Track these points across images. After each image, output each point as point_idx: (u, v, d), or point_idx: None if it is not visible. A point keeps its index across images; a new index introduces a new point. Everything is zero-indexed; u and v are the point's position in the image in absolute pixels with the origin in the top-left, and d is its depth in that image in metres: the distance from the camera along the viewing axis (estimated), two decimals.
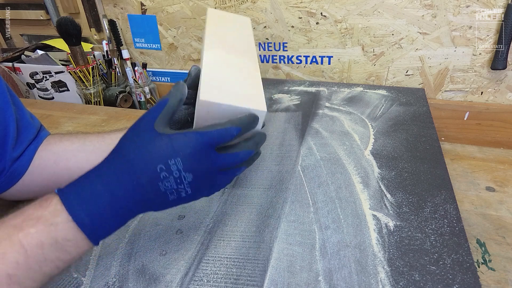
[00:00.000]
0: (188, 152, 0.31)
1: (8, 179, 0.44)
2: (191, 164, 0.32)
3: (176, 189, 0.32)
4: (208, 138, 0.32)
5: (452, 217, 0.42)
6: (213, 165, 0.33)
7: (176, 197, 0.33)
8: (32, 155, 0.46)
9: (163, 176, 0.31)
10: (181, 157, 0.31)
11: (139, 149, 0.31)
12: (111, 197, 0.30)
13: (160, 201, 0.32)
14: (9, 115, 0.44)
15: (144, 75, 0.94)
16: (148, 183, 0.31)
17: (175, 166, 0.31)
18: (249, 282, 0.36)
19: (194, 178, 0.32)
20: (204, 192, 0.35)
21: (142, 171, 0.31)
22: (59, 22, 0.81)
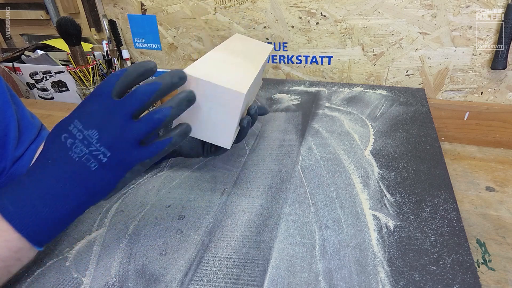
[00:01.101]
0: (82, 110, 0.30)
1: (9, 179, 0.44)
2: (89, 120, 0.30)
3: (89, 153, 0.30)
4: (97, 89, 0.31)
5: (452, 217, 0.42)
6: (115, 113, 0.30)
7: (98, 164, 0.30)
8: (33, 155, 0.46)
9: (69, 143, 0.30)
10: (77, 118, 0.30)
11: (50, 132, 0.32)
12: (31, 181, 0.30)
13: (85, 175, 0.30)
14: (10, 115, 0.44)
15: None
16: (58, 155, 0.30)
17: (75, 128, 0.30)
18: (249, 282, 0.36)
19: (100, 133, 0.29)
20: (131, 152, 0.31)
21: (50, 146, 0.30)
22: (59, 22, 0.81)
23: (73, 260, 0.39)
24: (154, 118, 0.31)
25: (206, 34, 0.90)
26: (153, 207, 0.47)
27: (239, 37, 0.59)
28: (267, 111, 0.52)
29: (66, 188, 0.30)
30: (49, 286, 0.36)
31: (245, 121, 0.43)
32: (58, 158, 0.30)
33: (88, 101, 0.31)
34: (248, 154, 0.57)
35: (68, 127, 0.30)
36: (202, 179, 0.52)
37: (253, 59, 0.49)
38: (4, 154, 0.43)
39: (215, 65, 0.41)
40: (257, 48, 0.56)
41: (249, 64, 0.46)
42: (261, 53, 0.54)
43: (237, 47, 0.52)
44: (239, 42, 0.56)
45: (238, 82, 0.38)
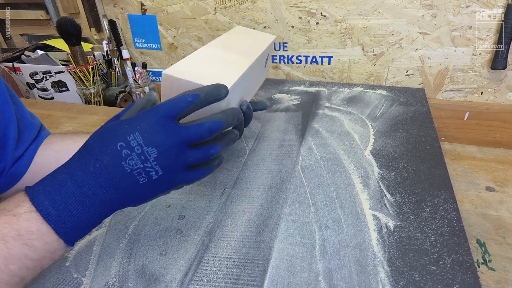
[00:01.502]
0: (145, 125, 0.30)
1: (9, 179, 0.44)
2: (151, 138, 0.30)
3: (143, 169, 0.30)
4: (163, 108, 0.31)
5: (452, 217, 0.42)
6: (177, 138, 0.31)
7: (147, 180, 0.31)
8: (32, 155, 0.46)
9: (125, 153, 0.30)
10: (139, 131, 0.30)
11: (100, 134, 0.31)
12: (74, 183, 0.29)
13: (131, 186, 0.30)
14: (9, 115, 0.44)
15: (144, 75, 0.94)
16: (111, 163, 0.30)
17: (135, 141, 0.30)
18: (249, 282, 0.36)
19: (159, 153, 0.30)
20: (178, 174, 0.32)
21: (102, 151, 0.30)
22: (59, 22, 0.81)
23: (73, 260, 0.39)
24: (209, 153, 0.34)
25: (206, 34, 0.90)
26: (153, 207, 0.47)
27: (240, 30, 0.57)
28: (266, 105, 0.51)
29: (109, 195, 0.30)
30: (49, 286, 0.36)
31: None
32: (108, 165, 0.30)
33: (151, 118, 0.31)
34: (248, 154, 0.57)
35: (127, 137, 0.30)
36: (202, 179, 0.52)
37: (248, 52, 0.48)
38: (4, 154, 0.43)
39: (201, 62, 0.40)
40: (257, 39, 0.54)
41: (242, 58, 0.45)
42: (260, 44, 0.52)
43: (234, 41, 0.50)
44: (239, 35, 0.54)
45: (222, 78, 0.37)
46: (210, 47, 0.46)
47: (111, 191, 0.30)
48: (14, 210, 0.28)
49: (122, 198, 0.31)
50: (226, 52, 0.45)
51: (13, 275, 0.28)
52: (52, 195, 0.29)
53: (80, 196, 0.29)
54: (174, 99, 0.32)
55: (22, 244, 0.27)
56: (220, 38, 0.51)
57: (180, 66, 0.37)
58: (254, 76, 0.49)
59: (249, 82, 0.47)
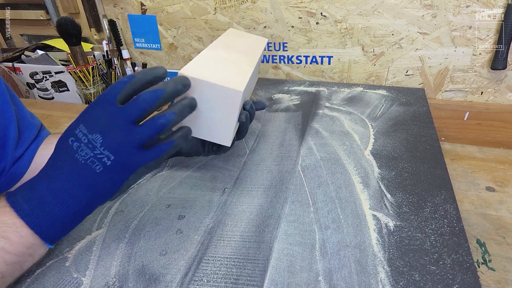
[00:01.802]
0: (87, 115, 0.32)
1: (9, 179, 0.44)
2: (93, 125, 0.31)
3: (94, 156, 0.31)
4: (102, 95, 0.32)
5: (452, 217, 0.42)
6: (118, 118, 0.31)
7: (102, 167, 0.31)
8: (32, 155, 0.46)
9: (75, 146, 0.31)
10: (82, 122, 0.32)
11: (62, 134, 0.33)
12: (45, 180, 0.31)
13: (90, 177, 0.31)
14: (9, 115, 0.44)
15: None
16: (67, 157, 0.31)
17: (80, 133, 0.31)
18: (249, 282, 0.36)
19: (104, 138, 0.31)
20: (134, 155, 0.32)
21: (60, 148, 0.32)
22: (59, 22, 0.81)
23: (73, 260, 0.39)
24: (157, 124, 0.32)
25: (206, 34, 0.90)
26: (153, 207, 0.47)
27: (234, 32, 0.59)
28: (265, 105, 0.52)
29: (75, 188, 0.31)
30: (49, 286, 0.36)
31: (243, 116, 0.44)
32: (66, 160, 0.32)
33: (93, 106, 0.32)
34: (248, 154, 0.57)
35: (74, 131, 0.32)
36: (202, 179, 0.52)
37: (249, 54, 0.49)
38: (3, 154, 0.43)
39: (211, 63, 0.41)
40: (252, 42, 0.56)
41: (244, 60, 0.46)
42: (256, 47, 0.54)
43: (232, 43, 0.52)
44: (234, 37, 0.56)
45: (235, 80, 0.38)
46: (214, 48, 0.47)
47: (75, 185, 0.31)
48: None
49: (89, 192, 0.32)
50: (230, 54, 0.46)
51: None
52: (25, 192, 0.31)
53: (50, 192, 0.31)
54: (112, 84, 0.32)
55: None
56: (220, 40, 0.52)
57: (194, 66, 0.38)
58: (253, 77, 0.50)
59: (250, 84, 0.47)
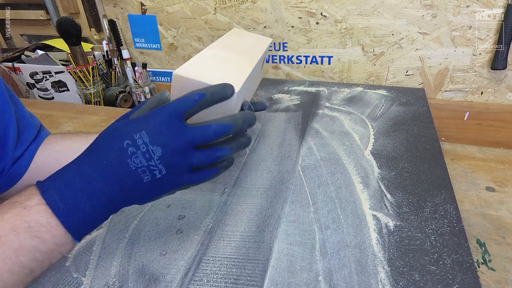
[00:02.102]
0: (152, 124, 0.31)
1: (9, 179, 0.44)
2: (157, 137, 0.31)
3: (147, 167, 0.31)
4: (170, 107, 0.31)
5: (452, 217, 0.42)
6: (183, 139, 0.31)
7: (151, 178, 0.31)
8: (32, 155, 0.46)
9: (130, 151, 0.30)
10: (146, 130, 0.31)
11: (109, 131, 0.32)
12: (82, 179, 0.30)
13: (135, 183, 0.31)
14: (9, 115, 0.44)
15: (144, 75, 0.94)
16: (117, 160, 0.30)
17: (140, 139, 0.30)
18: (249, 282, 0.36)
19: (163, 152, 0.31)
20: (182, 174, 0.32)
21: (109, 148, 0.31)
22: (59, 22, 0.81)
23: (73, 260, 0.39)
24: (214, 155, 0.34)
25: (206, 34, 0.90)
26: (153, 207, 0.47)
27: (237, 32, 0.58)
28: (265, 106, 0.52)
29: (115, 192, 0.31)
30: (49, 286, 0.36)
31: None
32: (114, 163, 0.30)
33: (159, 117, 0.31)
34: (248, 154, 0.57)
35: (134, 135, 0.31)
36: None
37: (249, 54, 0.49)
38: (3, 154, 0.43)
39: (209, 63, 0.41)
40: (255, 42, 0.56)
41: (244, 60, 0.46)
42: (258, 47, 0.54)
43: (233, 43, 0.51)
44: (237, 37, 0.55)
45: (231, 80, 0.38)
46: (213, 48, 0.46)
47: (116, 188, 0.31)
48: (25, 203, 0.29)
49: (126, 196, 0.32)
50: (229, 53, 0.46)
51: (23, 266, 0.28)
52: (61, 189, 0.30)
53: (87, 192, 0.30)
54: (181, 98, 0.32)
55: (32, 236, 0.28)
56: (221, 40, 0.51)
57: (190, 67, 0.38)
58: (255, 77, 0.50)
59: (250, 83, 0.47)
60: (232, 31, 0.59)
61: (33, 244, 0.29)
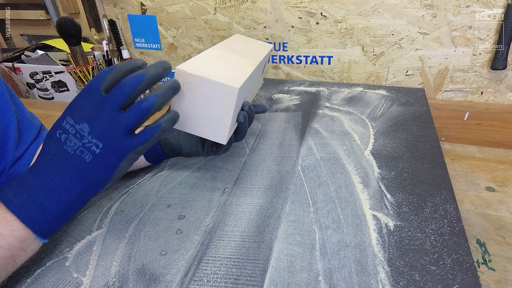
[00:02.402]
0: (73, 106, 0.32)
1: (9, 179, 0.45)
2: (80, 115, 0.32)
3: (83, 146, 0.31)
4: (86, 85, 0.32)
5: (452, 217, 0.42)
6: (103, 105, 0.31)
7: (92, 156, 0.31)
8: (33, 155, 0.46)
9: (63, 138, 0.32)
10: (69, 114, 0.32)
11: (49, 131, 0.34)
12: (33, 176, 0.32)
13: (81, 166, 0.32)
14: (10, 115, 0.44)
15: None
16: (55, 149, 0.32)
17: (67, 124, 0.32)
18: (249, 282, 0.36)
19: (91, 126, 0.31)
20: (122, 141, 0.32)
21: (47, 143, 0.33)
22: (59, 22, 0.81)
23: (73, 260, 0.39)
24: (141, 107, 0.32)
25: (206, 34, 0.90)
26: (153, 207, 0.47)
27: (239, 37, 0.59)
28: (266, 108, 0.52)
29: (65, 180, 0.32)
30: (49, 286, 0.36)
31: (241, 116, 0.44)
32: (55, 153, 0.32)
33: (78, 97, 0.33)
34: (248, 154, 0.57)
35: (62, 124, 0.32)
36: (202, 179, 0.52)
37: (251, 57, 0.49)
38: (4, 154, 0.43)
39: (210, 61, 0.41)
40: (257, 47, 0.56)
41: (246, 61, 0.46)
42: (260, 51, 0.54)
43: (236, 46, 0.52)
44: (239, 41, 0.56)
45: (232, 77, 0.38)
46: (215, 49, 0.47)
47: (67, 176, 0.32)
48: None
49: (80, 182, 0.32)
50: (231, 55, 0.46)
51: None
52: (15, 188, 0.32)
53: (40, 186, 0.31)
54: (100, 73, 0.33)
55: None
56: (223, 42, 0.52)
57: (193, 63, 0.38)
58: (256, 79, 0.50)
59: (251, 85, 0.47)
60: (234, 36, 0.59)
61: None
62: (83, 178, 0.32)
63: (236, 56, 0.47)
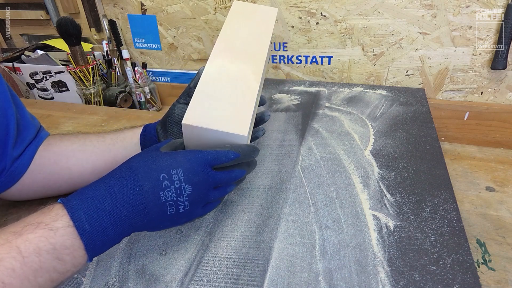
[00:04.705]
0: (189, 165, 0.34)
1: (9, 178, 0.45)
2: (191, 177, 0.33)
3: (175, 201, 0.33)
4: (208, 157, 0.35)
5: (452, 217, 0.42)
6: (209, 181, 0.35)
7: (174, 212, 0.33)
8: (32, 155, 0.46)
9: (165, 185, 0.32)
10: (183, 168, 0.33)
11: (144, 160, 0.34)
12: (112, 202, 0.31)
13: (159, 214, 0.33)
14: (10, 115, 0.44)
15: (144, 75, 0.94)
16: (150, 190, 0.32)
17: (176, 176, 0.33)
18: (249, 282, 0.36)
19: (192, 191, 0.33)
20: (198, 209, 0.36)
21: (145, 177, 0.32)
22: (59, 22, 0.81)
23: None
24: (225, 192, 0.39)
25: (206, 34, 0.90)
26: None
27: (241, 9, 0.52)
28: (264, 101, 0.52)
29: (138, 219, 0.32)
30: None
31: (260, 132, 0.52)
32: (148, 191, 0.32)
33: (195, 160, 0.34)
34: None
35: (171, 170, 0.33)
36: None
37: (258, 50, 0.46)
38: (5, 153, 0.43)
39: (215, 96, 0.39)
40: (261, 24, 0.51)
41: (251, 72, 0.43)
42: (267, 30, 0.50)
43: (237, 35, 0.48)
44: (241, 20, 0.50)
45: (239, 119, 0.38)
46: (217, 57, 0.44)
47: (141, 215, 0.32)
48: (52, 224, 0.29)
49: (146, 223, 0.33)
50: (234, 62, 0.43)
51: (39, 286, 0.28)
52: (89, 211, 0.30)
53: (113, 216, 0.31)
54: (219, 153, 0.36)
55: (54, 258, 0.28)
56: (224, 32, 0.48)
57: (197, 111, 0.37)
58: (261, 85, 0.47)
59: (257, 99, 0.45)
60: (234, 8, 0.52)
61: (53, 265, 0.28)
62: (151, 223, 0.33)
63: (240, 64, 0.43)
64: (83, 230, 0.29)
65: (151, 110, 0.97)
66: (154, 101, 0.97)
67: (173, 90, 0.99)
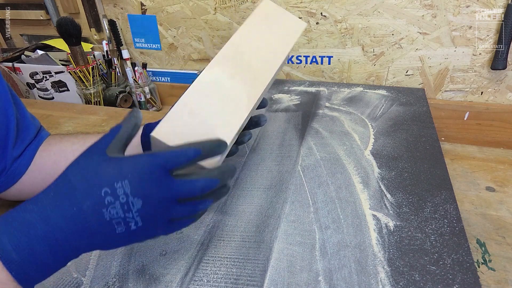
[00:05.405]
0: (137, 174, 0.28)
1: (9, 178, 0.45)
2: (141, 188, 0.28)
3: (123, 218, 0.27)
4: (161, 159, 0.29)
5: (452, 217, 0.42)
6: (168, 193, 0.29)
7: (125, 230, 0.28)
8: (32, 155, 0.46)
9: (108, 201, 0.27)
10: (129, 179, 0.27)
11: (84, 172, 0.28)
12: (45, 226, 0.26)
13: (106, 234, 0.28)
14: (11, 115, 0.44)
15: (144, 75, 0.94)
16: (90, 209, 0.27)
17: (121, 189, 0.27)
18: (249, 282, 0.36)
19: (143, 205, 0.28)
20: (159, 227, 0.30)
21: (84, 194, 0.27)
22: (59, 22, 0.81)
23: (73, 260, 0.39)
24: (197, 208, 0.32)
25: (206, 34, 0.90)
26: None
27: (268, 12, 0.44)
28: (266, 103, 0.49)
29: (81, 243, 0.28)
30: (49, 286, 0.36)
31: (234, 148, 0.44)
32: (88, 211, 0.27)
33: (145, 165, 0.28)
34: (248, 154, 0.57)
35: (114, 184, 0.27)
36: None
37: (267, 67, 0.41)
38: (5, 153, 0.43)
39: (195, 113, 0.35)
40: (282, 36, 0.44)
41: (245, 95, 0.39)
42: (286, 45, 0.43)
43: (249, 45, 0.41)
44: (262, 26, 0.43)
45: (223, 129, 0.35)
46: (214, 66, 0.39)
47: (84, 238, 0.28)
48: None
49: (92, 245, 0.29)
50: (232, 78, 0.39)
51: None
52: (17, 238, 0.26)
53: (49, 241, 0.26)
54: (175, 152, 0.29)
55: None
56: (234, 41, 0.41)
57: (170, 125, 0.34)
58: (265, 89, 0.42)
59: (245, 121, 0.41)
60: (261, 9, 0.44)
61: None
62: (98, 244, 0.29)
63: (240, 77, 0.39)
64: (10, 261, 0.25)
65: (151, 110, 0.97)
66: (154, 101, 0.97)
67: (173, 90, 1.00)
